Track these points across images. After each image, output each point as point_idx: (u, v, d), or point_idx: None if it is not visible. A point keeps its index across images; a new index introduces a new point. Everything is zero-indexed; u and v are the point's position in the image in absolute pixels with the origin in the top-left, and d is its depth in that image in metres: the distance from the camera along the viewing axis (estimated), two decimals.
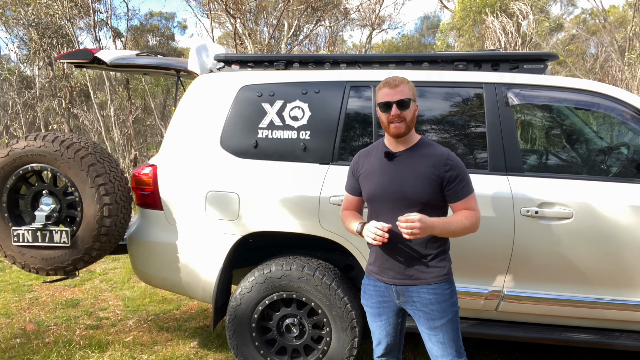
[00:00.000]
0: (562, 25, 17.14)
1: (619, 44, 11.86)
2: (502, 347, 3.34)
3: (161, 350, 3.31)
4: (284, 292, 2.70)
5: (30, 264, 2.87)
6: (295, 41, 15.93)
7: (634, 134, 2.71)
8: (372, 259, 2.06)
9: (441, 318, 1.93)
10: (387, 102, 1.91)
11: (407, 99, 1.91)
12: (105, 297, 4.45)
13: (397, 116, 1.89)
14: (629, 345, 2.50)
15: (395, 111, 1.89)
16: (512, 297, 2.59)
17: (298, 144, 2.76)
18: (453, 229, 1.88)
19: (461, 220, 1.89)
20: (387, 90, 1.92)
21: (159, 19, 21.40)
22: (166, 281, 2.96)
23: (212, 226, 2.78)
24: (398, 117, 1.90)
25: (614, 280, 2.50)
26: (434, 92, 2.73)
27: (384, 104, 1.92)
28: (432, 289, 1.93)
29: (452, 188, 1.91)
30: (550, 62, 2.85)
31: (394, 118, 1.90)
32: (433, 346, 1.97)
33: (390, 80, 1.94)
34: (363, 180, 2.05)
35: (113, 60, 3.23)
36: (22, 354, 3.26)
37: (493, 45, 11.69)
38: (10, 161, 2.79)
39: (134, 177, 2.93)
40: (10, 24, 11.29)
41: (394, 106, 1.89)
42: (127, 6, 15.12)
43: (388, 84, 1.93)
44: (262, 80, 2.88)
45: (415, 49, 24.24)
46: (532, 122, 3.18)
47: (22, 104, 12.47)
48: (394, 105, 1.89)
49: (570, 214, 2.46)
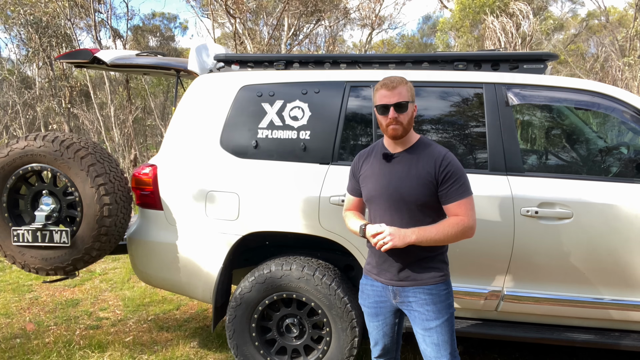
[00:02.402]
0: (562, 25, 17.14)
1: (619, 43, 11.85)
2: (502, 347, 3.34)
3: (161, 350, 3.31)
4: (284, 292, 2.70)
5: (30, 264, 2.86)
6: (295, 41, 15.93)
7: (634, 134, 2.71)
8: (370, 259, 2.06)
9: (436, 319, 1.92)
10: (384, 104, 1.87)
11: (404, 101, 1.87)
12: (105, 297, 4.45)
13: (394, 119, 1.86)
14: (629, 345, 2.49)
15: (393, 114, 1.86)
16: (512, 297, 2.59)
17: (298, 144, 2.76)
18: (434, 237, 1.83)
19: (444, 229, 1.84)
20: (385, 92, 1.88)
21: (160, 19, 21.42)
22: (166, 281, 2.96)
23: (212, 226, 2.78)
24: (395, 120, 1.87)
25: (614, 280, 2.50)
26: (434, 92, 2.73)
27: (381, 107, 1.89)
28: (428, 290, 1.92)
29: (444, 188, 1.87)
30: (550, 62, 2.85)
31: (391, 121, 1.87)
32: (427, 347, 1.96)
33: (388, 81, 1.89)
34: (363, 181, 2.05)
35: (113, 60, 3.23)
36: (22, 354, 3.26)
37: (493, 45, 11.68)
38: (10, 161, 2.78)
39: (134, 177, 2.93)
40: (10, 24, 11.29)
41: (392, 109, 1.86)
42: (127, 6, 15.12)
43: (386, 86, 1.88)
44: (262, 80, 2.88)
45: (415, 49, 24.23)
46: (532, 122, 3.18)
47: (22, 104, 12.46)
48: (392, 108, 1.86)
49: (570, 214, 2.46)
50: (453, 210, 1.88)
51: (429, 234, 1.84)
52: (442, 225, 1.86)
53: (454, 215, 1.88)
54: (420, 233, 1.83)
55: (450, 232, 1.84)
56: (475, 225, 1.90)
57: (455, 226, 1.85)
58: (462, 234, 1.86)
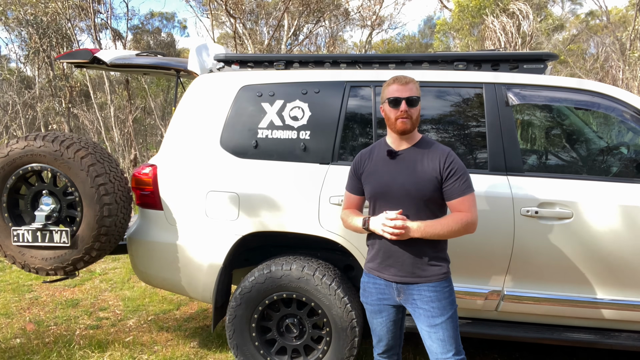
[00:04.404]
0: (563, 25, 17.14)
1: (621, 42, 11.85)
2: (502, 347, 3.34)
3: (161, 350, 3.31)
4: (284, 292, 2.70)
5: (30, 264, 2.86)
6: (296, 41, 15.93)
7: (634, 134, 2.70)
8: (372, 256, 2.07)
9: (441, 315, 1.94)
10: (396, 97, 1.94)
11: (415, 96, 1.95)
12: (105, 297, 4.46)
13: (405, 112, 1.93)
14: (629, 345, 2.49)
15: (404, 107, 1.93)
16: (512, 297, 2.59)
17: (298, 144, 2.76)
18: (439, 232, 1.90)
19: (449, 224, 1.90)
20: (397, 87, 1.95)
21: (159, 18, 21.40)
22: (166, 281, 2.96)
23: (212, 226, 2.78)
24: (406, 113, 1.93)
25: (614, 280, 2.50)
26: (434, 92, 2.73)
27: (393, 100, 1.95)
28: (432, 287, 1.95)
29: (449, 185, 1.93)
30: (550, 62, 2.85)
31: (402, 114, 1.93)
32: (433, 344, 1.98)
33: (401, 77, 1.98)
34: (365, 178, 2.07)
35: (113, 60, 3.23)
36: (22, 354, 3.26)
37: (493, 45, 11.69)
38: (10, 161, 2.78)
39: (134, 177, 2.93)
40: (11, 24, 11.30)
41: (403, 102, 1.93)
42: (127, 6, 15.12)
43: (398, 81, 1.97)
44: (262, 80, 2.88)
45: (416, 49, 24.23)
46: (532, 122, 3.18)
47: (22, 104, 12.47)
48: (403, 101, 1.93)
49: (570, 214, 2.46)
50: (457, 206, 1.94)
51: (434, 229, 1.90)
52: (446, 220, 1.92)
53: (457, 211, 1.94)
54: (426, 228, 1.89)
55: (454, 227, 1.90)
56: (477, 221, 1.97)
57: (459, 222, 1.91)
58: (465, 229, 1.93)
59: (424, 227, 1.89)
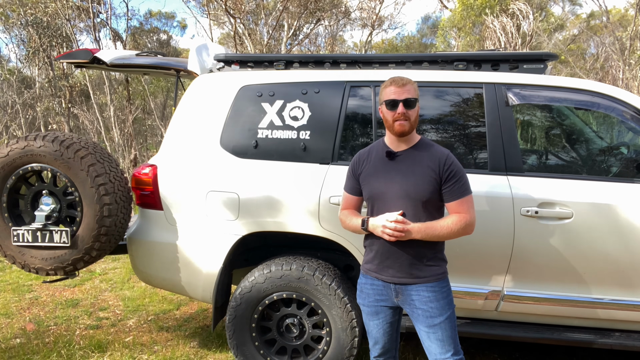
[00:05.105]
0: (563, 25, 17.14)
1: (621, 42, 11.86)
2: (502, 347, 3.34)
3: (161, 350, 3.31)
4: (284, 292, 2.70)
5: (30, 264, 2.87)
6: (295, 41, 15.92)
7: (634, 134, 2.70)
8: (370, 257, 2.07)
9: (440, 316, 1.94)
10: (394, 99, 1.93)
11: (413, 98, 1.94)
12: (105, 297, 4.46)
13: (403, 114, 1.92)
14: (629, 345, 2.49)
15: (402, 109, 1.92)
16: (512, 297, 2.59)
17: (298, 144, 2.76)
18: (438, 233, 1.91)
19: (448, 225, 1.91)
20: (395, 89, 1.95)
21: (158, 18, 21.39)
22: (166, 281, 2.96)
23: (212, 226, 2.78)
24: (404, 115, 1.92)
25: (614, 280, 2.50)
26: (434, 92, 2.73)
27: (390, 102, 1.94)
28: (431, 287, 1.95)
29: (448, 187, 1.94)
30: (550, 62, 2.85)
31: (399, 116, 1.92)
32: (432, 344, 1.98)
33: (398, 79, 1.97)
34: (364, 179, 2.06)
35: (113, 60, 3.23)
36: (22, 354, 3.26)
37: (493, 45, 11.69)
38: (10, 161, 2.78)
39: (134, 177, 2.93)
40: (11, 24, 11.30)
41: (401, 104, 1.92)
42: (127, 6, 15.12)
43: (395, 82, 1.96)
44: (262, 80, 2.88)
45: (416, 49, 24.21)
46: (532, 122, 3.18)
47: (21, 104, 12.46)
48: (401, 103, 1.92)
49: (570, 214, 2.46)
50: (455, 207, 1.95)
51: (434, 230, 1.90)
52: (445, 222, 1.92)
53: (455, 213, 1.95)
54: (426, 230, 1.90)
55: (453, 229, 1.91)
56: (475, 222, 1.98)
57: (458, 223, 1.91)
58: (464, 230, 1.94)
59: (424, 229, 1.89)
